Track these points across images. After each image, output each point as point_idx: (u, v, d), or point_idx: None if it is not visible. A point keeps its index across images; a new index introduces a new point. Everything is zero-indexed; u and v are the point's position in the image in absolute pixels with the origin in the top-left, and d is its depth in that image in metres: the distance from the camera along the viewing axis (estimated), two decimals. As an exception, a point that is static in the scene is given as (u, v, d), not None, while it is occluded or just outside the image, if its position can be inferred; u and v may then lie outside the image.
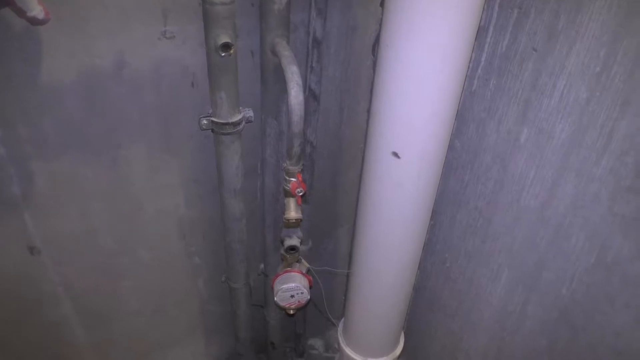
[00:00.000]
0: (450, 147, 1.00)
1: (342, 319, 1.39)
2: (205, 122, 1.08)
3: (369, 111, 1.32)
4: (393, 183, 0.97)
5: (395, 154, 0.92)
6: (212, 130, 1.10)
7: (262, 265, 1.46)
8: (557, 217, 0.88)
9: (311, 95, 1.18)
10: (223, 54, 0.95)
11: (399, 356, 1.35)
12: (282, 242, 1.28)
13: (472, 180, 1.08)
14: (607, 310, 0.84)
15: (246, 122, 1.11)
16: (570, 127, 0.83)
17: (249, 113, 1.11)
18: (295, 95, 0.98)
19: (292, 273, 1.29)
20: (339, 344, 1.37)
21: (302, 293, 1.28)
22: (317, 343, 1.88)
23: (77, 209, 1.17)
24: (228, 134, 1.08)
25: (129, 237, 1.28)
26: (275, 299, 1.29)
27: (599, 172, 0.79)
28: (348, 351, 1.32)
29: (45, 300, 1.25)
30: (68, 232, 1.19)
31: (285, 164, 1.08)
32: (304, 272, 1.32)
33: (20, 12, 0.73)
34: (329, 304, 1.66)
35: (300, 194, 1.09)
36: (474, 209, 1.09)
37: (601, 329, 0.85)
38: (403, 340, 1.36)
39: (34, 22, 0.76)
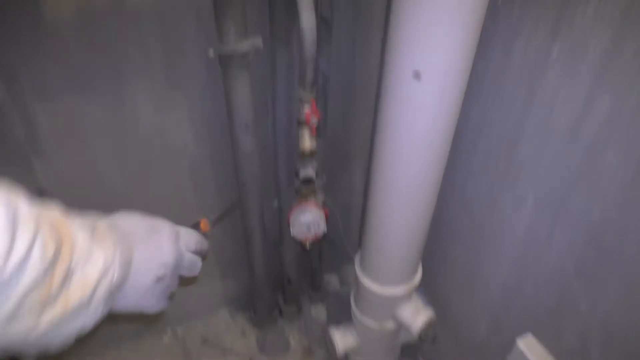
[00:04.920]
0: (473, 71, 0.94)
1: (359, 252, 1.37)
2: (213, 52, 1.02)
3: (383, 40, 1.26)
4: (414, 105, 0.93)
5: (417, 73, 0.87)
6: (220, 62, 1.04)
7: (275, 202, 1.43)
8: (590, 134, 0.84)
9: (323, 23, 1.12)
10: (229, -24, 0.88)
11: (419, 285, 1.35)
12: (296, 174, 1.24)
13: (495, 103, 1.03)
14: (642, 227, 0.81)
15: (255, 51, 1.05)
16: (607, 40, 0.77)
17: (258, 41, 1.05)
18: (307, 19, 0.93)
19: (308, 205, 1.27)
20: (355, 275, 1.36)
21: (318, 225, 1.27)
22: (332, 278, 1.89)
23: (84, 149, 1.13)
24: (237, 64, 1.02)
25: (137, 177, 1.25)
26: (292, 231, 1.27)
27: (639, 83, 0.74)
28: (365, 281, 1.32)
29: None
30: (76, 173, 1.16)
31: (298, 92, 1.03)
32: (319, 203, 1.30)
33: None
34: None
35: (315, 123, 1.05)
36: (497, 134, 1.05)
37: (635, 246, 0.83)
38: (421, 270, 1.35)
39: None
